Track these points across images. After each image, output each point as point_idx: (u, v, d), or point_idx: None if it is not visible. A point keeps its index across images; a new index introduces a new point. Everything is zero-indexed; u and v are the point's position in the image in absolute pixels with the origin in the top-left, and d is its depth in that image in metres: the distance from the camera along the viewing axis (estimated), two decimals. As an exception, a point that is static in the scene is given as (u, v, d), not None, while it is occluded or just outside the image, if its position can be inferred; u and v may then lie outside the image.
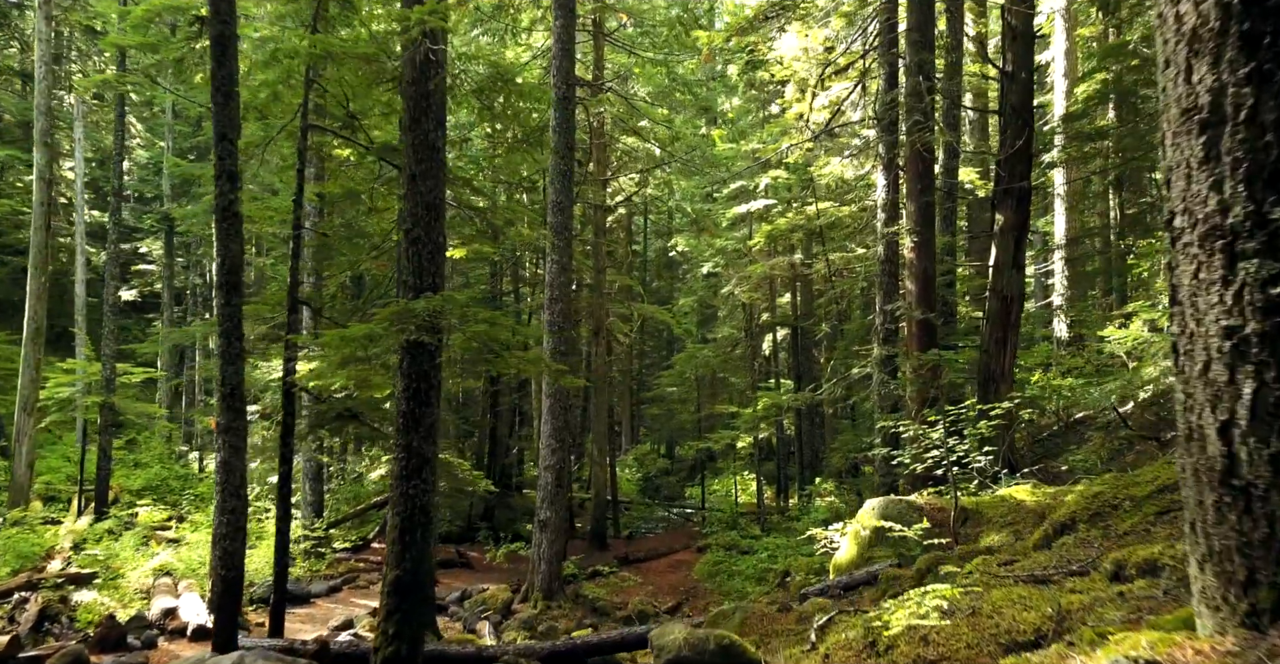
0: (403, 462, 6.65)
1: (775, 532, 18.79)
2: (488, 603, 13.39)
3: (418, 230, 6.84)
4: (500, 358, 6.88)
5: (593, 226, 21.77)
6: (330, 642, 8.12)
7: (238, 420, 7.86)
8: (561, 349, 14.17)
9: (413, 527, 6.56)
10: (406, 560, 6.50)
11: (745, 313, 27.51)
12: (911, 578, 6.79)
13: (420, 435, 6.67)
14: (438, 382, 6.81)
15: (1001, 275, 11.95)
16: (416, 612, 6.49)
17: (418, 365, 6.65)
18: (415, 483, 6.62)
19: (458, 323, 6.52)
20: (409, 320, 6.24)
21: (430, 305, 6.25)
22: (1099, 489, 5.51)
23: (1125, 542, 4.58)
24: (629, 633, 7.99)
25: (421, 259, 6.80)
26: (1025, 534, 7.13)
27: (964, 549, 6.73)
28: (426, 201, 6.89)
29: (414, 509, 6.58)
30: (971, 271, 20.93)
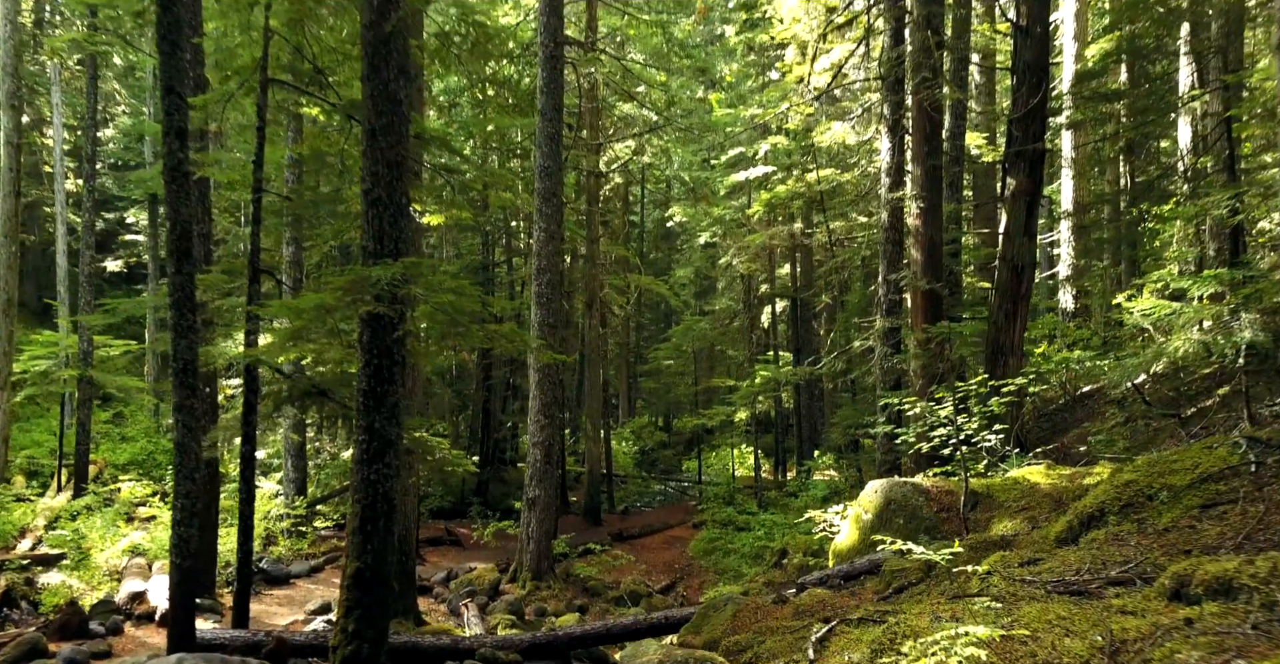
0: (364, 445, 6.08)
1: (772, 507, 18.34)
2: (474, 584, 12.92)
3: (378, 191, 6.21)
4: (468, 332, 6.29)
5: (585, 195, 21.06)
6: (292, 636, 7.61)
7: (192, 399, 7.28)
8: (550, 322, 13.58)
9: (375, 515, 6.01)
10: (368, 552, 5.96)
11: (744, 284, 26.87)
12: (918, 570, 6.26)
13: (383, 416, 6.09)
14: (402, 357, 6.22)
15: (1012, 243, 11.32)
16: (379, 607, 5.96)
17: (379, 340, 6.05)
18: (378, 468, 6.05)
19: (422, 293, 5.91)
20: (365, 290, 5.64)
21: (390, 273, 5.64)
22: (1130, 477, 4.95)
23: (1167, 540, 4.03)
24: (613, 624, 7.48)
25: (383, 223, 6.18)
26: (1041, 521, 6.59)
27: (975, 539, 6.18)
28: (388, 159, 6.25)
29: (376, 496, 6.02)
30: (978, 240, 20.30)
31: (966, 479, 7.06)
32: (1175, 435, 8.82)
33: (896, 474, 11.88)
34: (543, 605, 12.66)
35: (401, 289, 5.75)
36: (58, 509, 15.85)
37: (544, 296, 13.48)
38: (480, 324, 6.34)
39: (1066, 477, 7.48)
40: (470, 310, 5.99)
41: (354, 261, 18.30)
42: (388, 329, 6.11)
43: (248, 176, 8.67)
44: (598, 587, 13.84)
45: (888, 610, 4.86)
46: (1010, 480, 7.75)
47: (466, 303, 5.96)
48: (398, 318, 5.85)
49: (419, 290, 5.94)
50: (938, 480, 8.06)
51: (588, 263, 20.63)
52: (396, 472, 6.21)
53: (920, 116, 11.72)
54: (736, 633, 6.24)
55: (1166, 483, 4.73)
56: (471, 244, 26.85)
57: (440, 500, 23.03)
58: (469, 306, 6.01)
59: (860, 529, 7.93)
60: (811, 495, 16.35)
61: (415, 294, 5.83)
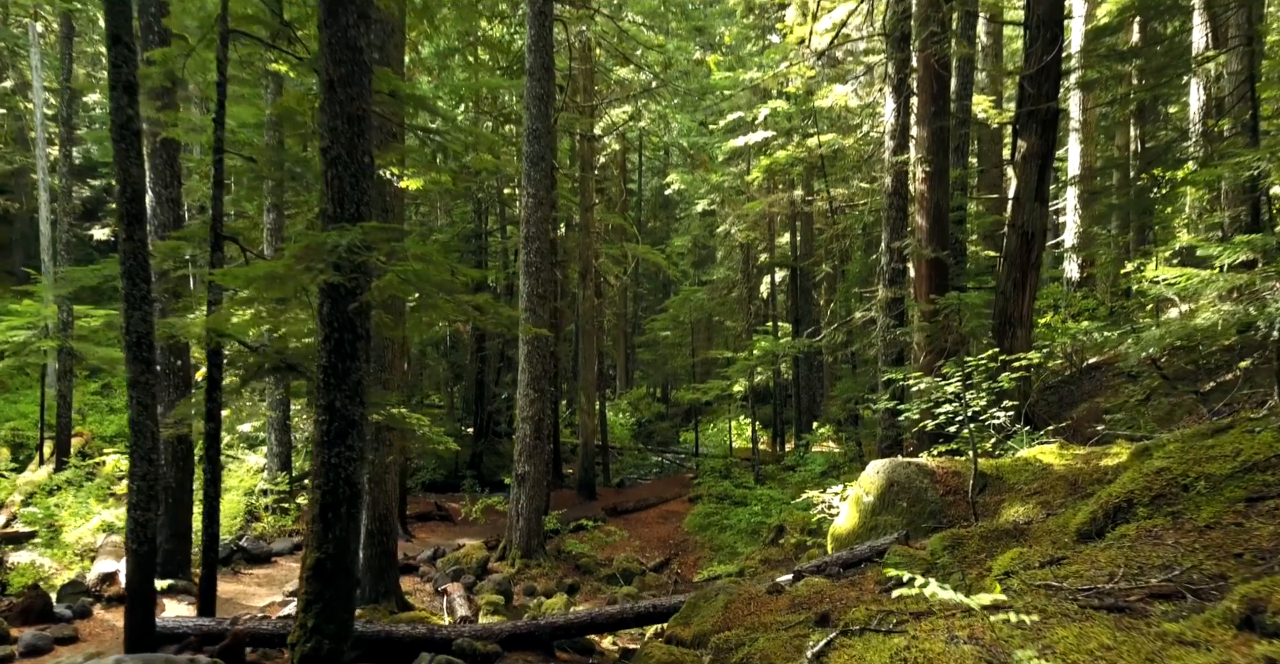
0: (324, 425, 5.60)
1: (770, 481, 17.96)
2: (461, 562, 12.54)
3: (337, 149, 5.66)
4: (437, 304, 5.77)
5: (579, 160, 20.41)
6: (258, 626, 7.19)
7: (146, 374, 6.80)
8: (540, 292, 13.05)
9: (337, 502, 5.55)
10: (329, 541, 5.50)
11: (742, 253, 26.31)
12: (924, 561, 5.82)
13: (345, 394, 5.60)
14: (366, 331, 5.71)
15: (1022, 209, 10.77)
16: (342, 600, 5.52)
17: (340, 312, 5.55)
18: (339, 450, 5.58)
19: (384, 261, 5.38)
20: (321, 257, 5.12)
21: (348, 239, 5.12)
22: (1162, 463, 4.47)
23: (1211, 540, 3.56)
24: (599, 613, 7.07)
25: (343, 184, 5.64)
26: (1056, 507, 6.13)
27: (985, 527, 5.73)
28: (348, 113, 5.69)
29: (338, 481, 5.55)
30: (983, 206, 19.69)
31: (976, 460, 6.59)
32: (1194, 412, 8.35)
33: (898, 451, 11.45)
34: (532, 584, 12.30)
35: (361, 257, 5.22)
36: (38, 484, 15.45)
37: (533, 266, 12.94)
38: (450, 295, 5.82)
39: (1081, 457, 7.02)
40: (439, 280, 5.47)
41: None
42: (349, 300, 5.60)
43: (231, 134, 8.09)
44: (589, 564, 13.48)
45: (891, 610, 4.41)
46: (1021, 461, 7.29)
47: (434, 272, 5.44)
48: (355, 288, 5.33)
49: (381, 258, 5.42)
50: (943, 461, 7.59)
51: (581, 231, 20.04)
52: (361, 454, 5.74)
53: (927, 74, 11.10)
54: (728, 627, 5.81)
55: (1204, 471, 4.25)
56: (464, 212, 26.23)
57: (432, 473, 22.68)
58: (437, 276, 5.49)
59: (861, 512, 7.49)
60: (810, 470, 15.95)
61: (377, 262, 5.30)
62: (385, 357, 9.98)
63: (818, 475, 15.42)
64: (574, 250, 21.43)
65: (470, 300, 6.02)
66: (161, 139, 10.25)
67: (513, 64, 21.63)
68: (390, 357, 9.98)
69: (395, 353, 10.10)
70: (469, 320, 5.69)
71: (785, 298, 26.78)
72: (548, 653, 7.09)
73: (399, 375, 10.21)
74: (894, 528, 7.07)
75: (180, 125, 9.26)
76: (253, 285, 5.17)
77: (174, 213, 10.65)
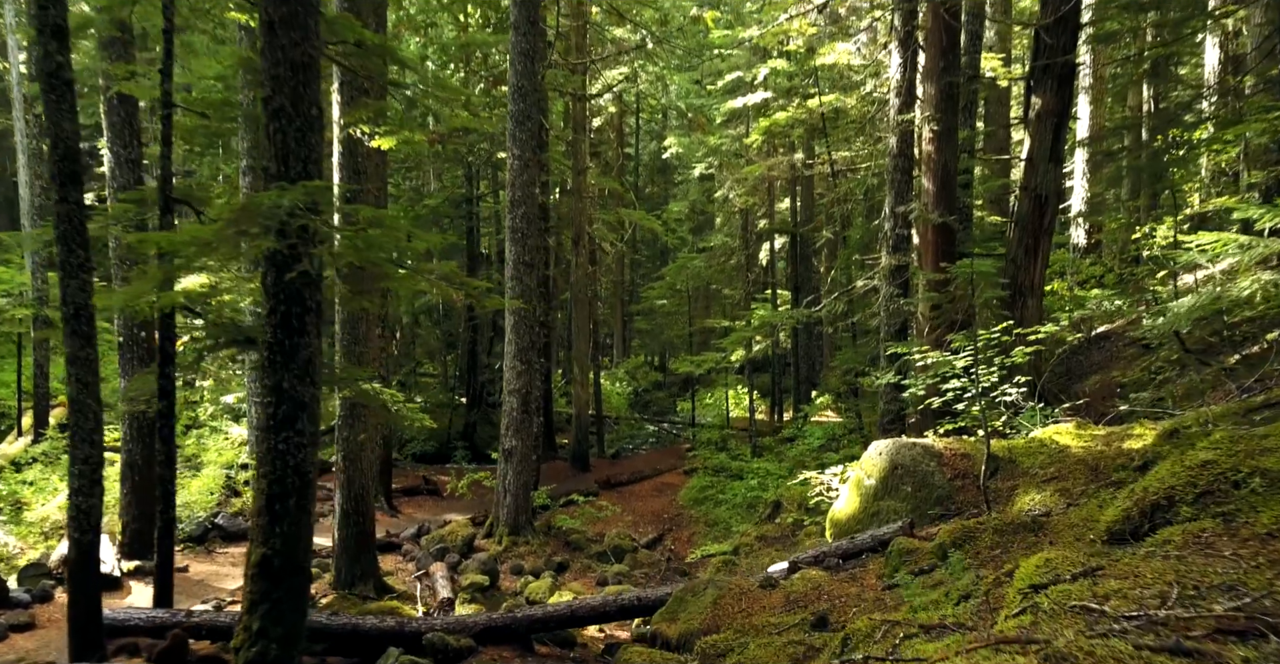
0: (270, 408, 5.05)
1: (767, 453, 17.51)
2: (446, 540, 12.10)
3: (280, 99, 5.04)
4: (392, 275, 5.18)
5: (571, 121, 19.65)
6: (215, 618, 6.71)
7: (86, 349, 6.24)
8: (527, 259, 12.45)
9: (285, 492, 5.02)
10: (276, 536, 4.98)
11: (741, 219, 25.60)
12: (931, 553, 5.31)
13: (293, 374, 5.05)
14: (316, 304, 5.14)
15: (1035, 170, 10.14)
16: (292, 600, 5.03)
17: (286, 282, 4.98)
18: (287, 436, 5.04)
19: (327, 227, 4.79)
20: (255, 221, 4.54)
21: (287, 201, 4.52)
22: (1208, 455, 3.93)
23: (1277, 553, 3.02)
24: (580, 606, 6.59)
25: (287, 138, 5.03)
26: (1077, 495, 5.61)
27: (999, 519, 5.20)
28: (291, 59, 5.06)
29: (286, 470, 5.02)
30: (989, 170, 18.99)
31: (989, 442, 6.06)
32: (1220, 387, 7.81)
33: (900, 426, 10.93)
34: (520, 562, 11.87)
35: (302, 220, 4.63)
36: (13, 456, 15.00)
37: (519, 232, 12.33)
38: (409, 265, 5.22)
39: (1101, 438, 6.49)
40: (391, 248, 4.88)
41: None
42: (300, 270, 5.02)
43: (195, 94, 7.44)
44: (580, 541, 13.05)
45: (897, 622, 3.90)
46: (1035, 442, 6.76)
47: (390, 238, 4.85)
48: (295, 256, 4.75)
49: (328, 223, 4.83)
50: (951, 442, 7.07)
51: (574, 196, 19.36)
52: (313, 440, 5.20)
53: (936, 26, 10.39)
54: (716, 627, 5.33)
55: (1258, 466, 3.71)
56: (455, 176, 25.50)
57: (423, 445, 22.25)
58: (390, 243, 4.90)
59: (862, 496, 6.97)
60: (808, 444, 15.47)
61: (325, 227, 4.71)
62: (359, 329, 9.43)
63: (816, 449, 14.95)
64: (567, 216, 20.75)
65: (430, 270, 5.44)
66: (116, 94, 9.58)
67: (502, 20, 20.79)
68: (364, 329, 9.41)
69: (370, 325, 9.54)
70: (437, 294, 5.17)
71: (785, 265, 26.15)
72: (525, 647, 6.63)
73: (375, 349, 9.65)
74: (897, 514, 6.57)
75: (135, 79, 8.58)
76: (183, 252, 4.59)
77: (134, 175, 10.02)
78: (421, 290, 5.61)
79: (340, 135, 9.27)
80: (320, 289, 5.25)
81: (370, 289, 8.45)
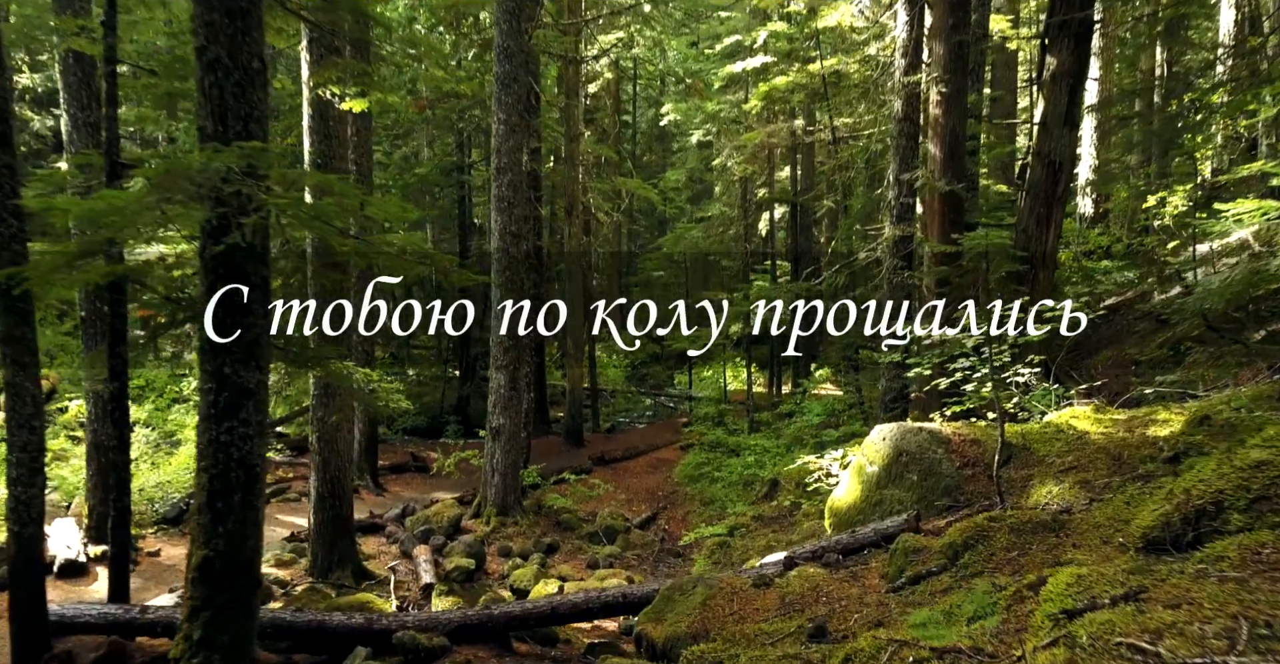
0: (211, 396, 4.57)
1: (765, 429, 17.08)
2: (432, 521, 11.69)
3: (215, 49, 4.49)
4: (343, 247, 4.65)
5: (564, 86, 18.96)
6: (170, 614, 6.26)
7: (21, 327, 5.74)
8: (513, 230, 11.90)
9: (228, 488, 4.56)
10: (219, 536, 4.52)
11: (740, 188, 24.96)
12: (940, 554, 4.85)
13: (236, 358, 4.55)
14: (263, 279, 4.63)
15: (1049, 134, 9.57)
16: (238, 607, 4.58)
17: (228, 256, 4.47)
18: (230, 425, 4.57)
19: (266, 195, 4.25)
20: (181, 186, 4.02)
21: (220, 163, 3.99)
22: (1261, 455, 3.45)
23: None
24: (560, 603, 6.16)
25: (224, 94, 4.49)
26: (1099, 488, 5.14)
27: (1016, 516, 4.74)
28: (227, 5, 4.51)
29: (230, 463, 4.55)
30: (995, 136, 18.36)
31: (1002, 428, 5.58)
32: (1248, 366, 7.32)
33: (903, 405, 10.47)
34: (508, 544, 11.48)
35: (237, 186, 4.10)
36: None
37: (505, 200, 11.76)
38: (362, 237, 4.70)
39: (1123, 423, 6.01)
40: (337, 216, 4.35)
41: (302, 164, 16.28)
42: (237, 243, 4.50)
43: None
44: (571, 520, 12.66)
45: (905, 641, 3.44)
46: (1051, 428, 6.28)
47: (342, 206, 4.32)
48: (223, 226, 4.23)
49: (271, 188, 4.30)
50: (960, 427, 6.59)
51: (566, 163, 18.72)
52: (260, 429, 4.72)
53: (947, -20, 9.76)
54: (705, 632, 4.88)
55: (1320, 468, 3.24)
56: (446, 143, 24.80)
57: (414, 419, 21.83)
58: (339, 212, 4.36)
59: (864, 484, 6.51)
60: (806, 421, 15.02)
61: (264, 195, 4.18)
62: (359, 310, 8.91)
63: (815, 425, 14.50)
64: (561, 185, 20.13)
65: (390, 242, 4.91)
66: (71, 53, 8.98)
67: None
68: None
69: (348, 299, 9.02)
70: (399, 270, 4.68)
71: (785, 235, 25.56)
72: (502, 645, 6.21)
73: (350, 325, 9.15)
74: (902, 505, 6.12)
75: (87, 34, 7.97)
76: (102, 222, 4.07)
77: (94, 139, 9.42)
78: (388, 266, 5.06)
79: (309, 96, 8.69)
80: (267, 263, 4.74)
81: (341, 263, 7.94)
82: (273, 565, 9.29)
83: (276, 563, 9.32)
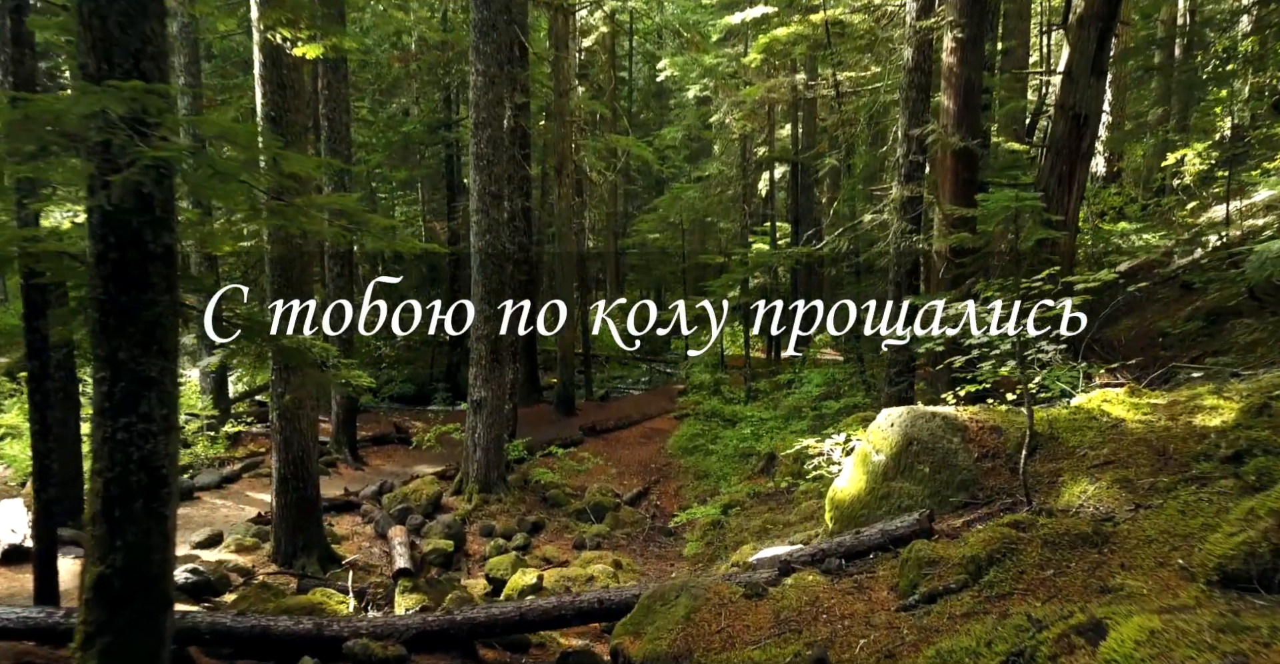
0: (105, 386, 3.87)
1: (763, 398, 16.45)
2: (410, 499, 11.09)
3: (96, -31, 3.73)
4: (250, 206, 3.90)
5: (553, 36, 17.98)
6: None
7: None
8: (493, 190, 11.11)
9: (128, 493, 3.88)
10: (117, 550, 3.85)
11: (739, 147, 24.01)
12: (959, 567, 4.18)
13: (134, 341, 3.84)
14: (166, 247, 3.90)
15: (1074, 85, 8.75)
16: (143, 631, 3.94)
17: (119, 219, 3.74)
18: (129, 421, 3.88)
19: (177, 143, 3.51)
20: (41, 134, 3.27)
21: (85, 107, 3.24)
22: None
23: None
24: (529, 609, 5.53)
25: (107, 24, 3.72)
26: (1144, 490, 4.46)
27: (1049, 527, 4.07)
28: (110, -85, 3.72)
29: (129, 465, 3.87)
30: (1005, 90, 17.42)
31: (1030, 416, 4.88)
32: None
33: (909, 379, 9.78)
34: (490, 523, 10.90)
35: (104, 135, 3.35)
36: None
37: (484, 158, 10.96)
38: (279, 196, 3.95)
39: (1164, 410, 5.32)
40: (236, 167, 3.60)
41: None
42: (138, 202, 3.77)
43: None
44: (558, 496, 12.07)
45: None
46: (1081, 413, 5.59)
47: (232, 165, 3.57)
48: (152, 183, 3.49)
49: (166, 136, 3.54)
50: (976, 411, 5.90)
51: (556, 120, 17.82)
52: (168, 425, 4.02)
53: (965, -88, 8.84)
54: (689, 652, 4.25)
55: None
56: (433, 101, 23.79)
57: (401, 386, 21.21)
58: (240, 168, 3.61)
59: (869, 474, 5.84)
60: (805, 392, 14.36)
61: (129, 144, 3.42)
62: (291, 271, 8.18)
63: (815, 397, 13.84)
64: (553, 143, 19.23)
65: (314, 202, 4.16)
66: None
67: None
68: (296, 272, 8.16)
69: (304, 267, 8.28)
70: (328, 237, 4.04)
71: (785, 196, 24.69)
72: (466, 653, 5.61)
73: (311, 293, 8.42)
74: (912, 500, 5.46)
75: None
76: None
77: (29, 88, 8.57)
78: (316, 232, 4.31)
79: (259, 41, 7.86)
80: (172, 229, 4.00)
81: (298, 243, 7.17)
82: (233, 551, 8.69)
83: (238, 548, 8.71)
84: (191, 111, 12.89)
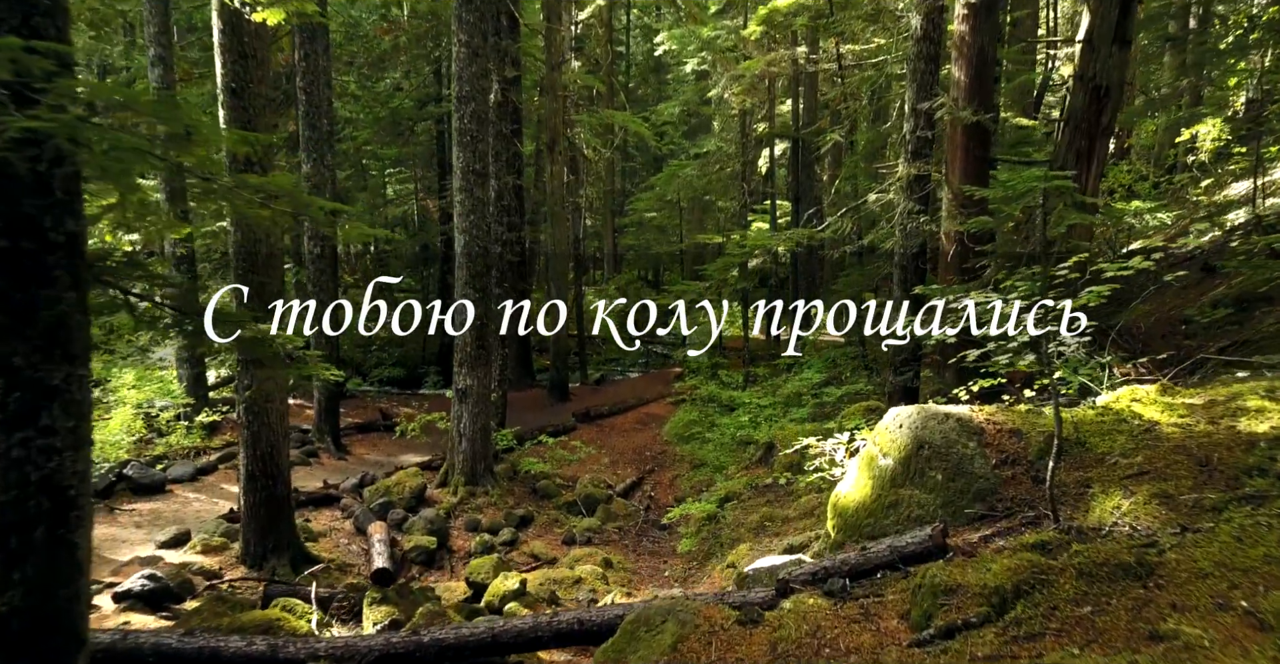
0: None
1: (763, 382, 15.95)
2: (393, 491, 10.63)
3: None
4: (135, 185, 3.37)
5: (545, 6, 17.29)
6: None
7: None
8: (477, 167, 10.54)
9: (27, 520, 3.38)
10: (17, 586, 3.36)
11: (739, 122, 23.34)
12: (979, 598, 3.69)
13: (31, 344, 3.33)
14: (69, 235, 3.38)
15: (1095, 54, 8.15)
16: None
17: (11, 203, 3.21)
18: (26, 436, 3.36)
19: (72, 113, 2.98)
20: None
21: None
22: None
23: None
24: (503, 630, 5.05)
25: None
26: (1187, 507, 3.96)
27: (1084, 554, 3.58)
28: None
29: (28, 487, 3.37)
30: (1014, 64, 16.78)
31: (1059, 421, 4.36)
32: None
33: (915, 368, 9.28)
34: (476, 517, 10.45)
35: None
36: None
37: (468, 134, 10.38)
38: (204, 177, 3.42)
39: (1201, 412, 4.81)
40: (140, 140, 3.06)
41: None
42: (30, 178, 3.24)
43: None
44: (549, 487, 11.62)
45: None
46: (1110, 415, 5.08)
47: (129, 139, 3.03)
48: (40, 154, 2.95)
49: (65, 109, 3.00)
50: (993, 412, 5.39)
51: (548, 95, 17.18)
52: (75, 441, 3.51)
53: None
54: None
55: None
56: (423, 75, 23.09)
57: (391, 369, 20.73)
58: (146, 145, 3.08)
59: (876, 480, 5.34)
60: (806, 379, 13.85)
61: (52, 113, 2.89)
62: (256, 258, 7.64)
63: (815, 384, 13.35)
64: (543, 119, 18.59)
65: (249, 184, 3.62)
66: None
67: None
68: (262, 256, 7.62)
69: (271, 252, 7.74)
70: (264, 221, 3.62)
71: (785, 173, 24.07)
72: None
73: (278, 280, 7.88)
74: (923, 510, 4.97)
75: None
76: None
77: None
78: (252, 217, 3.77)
79: (218, 5, 7.28)
80: (78, 214, 3.47)
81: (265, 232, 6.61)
82: (199, 551, 8.22)
83: (204, 549, 8.24)
84: (162, 85, 12.27)
